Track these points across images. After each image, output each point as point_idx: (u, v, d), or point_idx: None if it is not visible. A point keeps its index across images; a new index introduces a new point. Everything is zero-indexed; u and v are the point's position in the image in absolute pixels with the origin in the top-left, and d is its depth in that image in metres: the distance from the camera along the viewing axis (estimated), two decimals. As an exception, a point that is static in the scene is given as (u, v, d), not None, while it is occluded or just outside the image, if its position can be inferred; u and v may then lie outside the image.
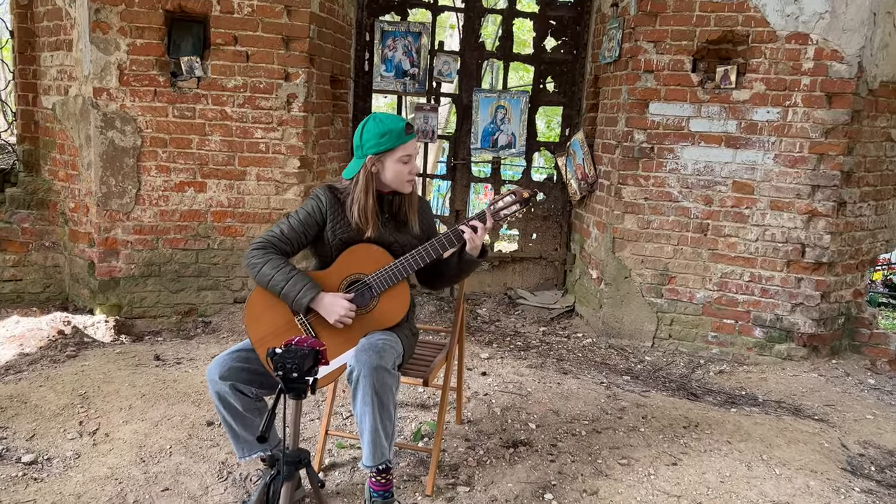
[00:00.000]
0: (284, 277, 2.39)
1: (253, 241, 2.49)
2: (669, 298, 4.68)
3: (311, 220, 2.52)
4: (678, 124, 4.52)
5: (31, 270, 4.74)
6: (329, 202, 2.53)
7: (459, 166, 5.57)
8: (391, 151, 2.48)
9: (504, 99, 5.42)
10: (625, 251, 4.70)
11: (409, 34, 5.33)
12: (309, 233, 2.52)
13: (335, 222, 2.52)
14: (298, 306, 2.39)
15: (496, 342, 4.52)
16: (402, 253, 2.55)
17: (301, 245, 2.52)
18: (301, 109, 4.61)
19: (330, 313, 2.41)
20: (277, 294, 2.40)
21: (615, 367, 4.30)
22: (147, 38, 4.35)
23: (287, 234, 2.49)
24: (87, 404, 3.16)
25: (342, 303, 2.41)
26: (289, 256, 2.51)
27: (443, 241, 2.55)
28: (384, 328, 2.51)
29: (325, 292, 2.43)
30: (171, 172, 4.51)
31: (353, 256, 2.51)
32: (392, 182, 2.53)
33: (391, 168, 2.50)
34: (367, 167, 2.49)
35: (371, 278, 2.49)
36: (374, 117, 2.52)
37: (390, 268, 2.49)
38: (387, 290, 2.50)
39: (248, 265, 2.44)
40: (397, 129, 2.48)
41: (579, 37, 5.42)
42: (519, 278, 5.69)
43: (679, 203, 4.58)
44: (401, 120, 2.52)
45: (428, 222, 2.70)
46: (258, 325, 2.44)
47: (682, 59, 4.47)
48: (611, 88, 4.91)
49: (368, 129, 2.49)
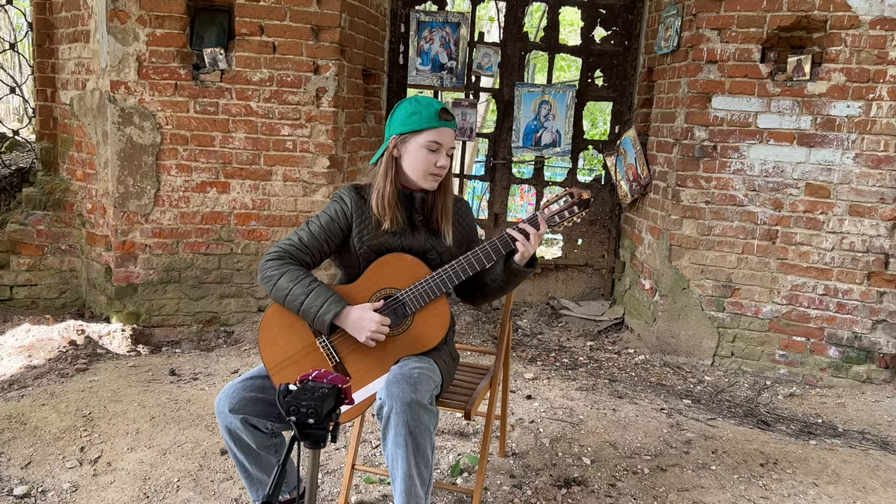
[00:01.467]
0: (304, 291, 2.04)
1: (267, 251, 2.14)
2: (732, 312, 4.24)
3: (334, 225, 2.17)
4: (744, 120, 4.09)
5: (47, 275, 4.49)
6: (354, 203, 2.18)
7: (499, 166, 5.19)
8: (417, 133, 2.14)
9: (549, 94, 5.03)
10: (682, 260, 4.28)
11: (447, 25, 4.97)
12: (332, 240, 2.17)
13: (362, 226, 2.17)
14: (321, 324, 2.04)
15: (540, 359, 4.13)
16: (440, 263, 2.19)
17: (323, 254, 2.18)
18: (331, 104, 4.28)
19: (359, 329, 2.05)
20: (296, 311, 2.05)
21: (673, 389, 3.88)
22: (168, 28, 4.06)
23: (307, 243, 2.15)
24: (91, 427, 2.86)
25: (373, 316, 2.06)
26: (309, 268, 2.16)
27: (488, 251, 2.17)
28: (420, 353, 2.15)
29: (351, 306, 2.08)
30: (193, 172, 4.21)
31: (383, 268, 2.15)
32: (413, 170, 2.17)
33: (413, 153, 2.15)
34: (390, 148, 2.17)
35: (405, 294, 2.13)
36: (412, 98, 2.19)
37: (427, 281, 2.13)
38: (423, 308, 2.14)
39: (263, 279, 2.10)
40: (430, 110, 2.14)
41: (631, 26, 5.01)
42: (563, 287, 5.29)
43: (744, 207, 4.15)
44: (437, 103, 2.18)
45: (466, 228, 2.33)
46: (273, 348, 2.09)
47: (749, 47, 4.03)
48: (667, 81, 4.49)
49: (401, 108, 2.18)
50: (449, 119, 2.17)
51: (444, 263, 2.17)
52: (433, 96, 5.33)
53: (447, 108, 2.18)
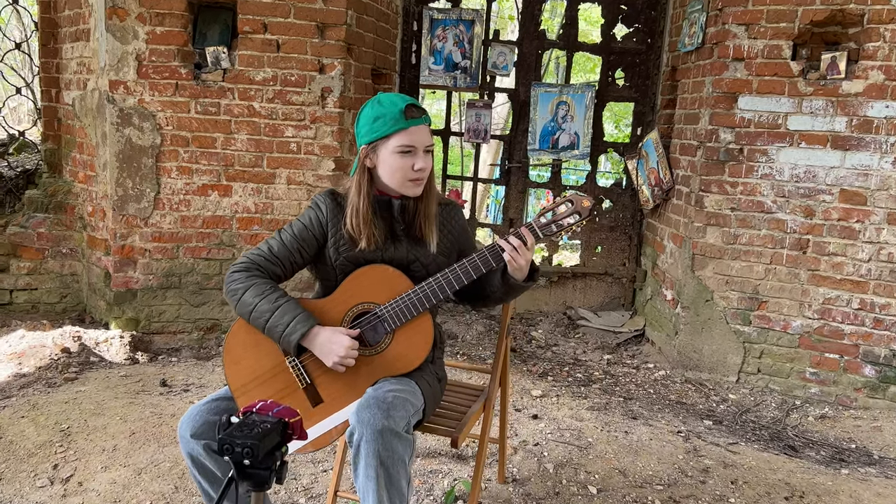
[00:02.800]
0: (270, 307, 1.86)
1: (234, 261, 1.97)
2: (759, 326, 3.97)
3: (307, 234, 1.99)
4: (773, 121, 3.82)
5: (47, 279, 4.39)
6: (330, 210, 2.00)
7: (514, 170, 4.98)
8: (386, 140, 1.94)
9: (567, 94, 4.80)
10: (706, 270, 4.02)
11: (461, 22, 4.78)
12: (306, 250, 1.99)
13: (338, 236, 1.99)
14: (286, 345, 1.86)
15: (552, 374, 3.91)
16: (425, 276, 1.99)
17: (296, 266, 2.00)
18: (336, 105, 4.11)
19: (326, 353, 1.87)
20: (262, 329, 1.88)
21: (694, 408, 3.63)
22: (168, 26, 3.93)
23: (277, 253, 1.97)
24: (68, 443, 2.72)
25: (342, 340, 1.87)
26: (280, 281, 1.99)
27: (476, 263, 1.97)
28: (399, 374, 1.95)
29: (321, 326, 1.89)
30: (194, 174, 4.08)
31: (361, 281, 1.96)
32: (391, 179, 1.98)
33: (387, 162, 1.95)
34: (362, 160, 1.97)
35: (384, 309, 1.94)
36: (374, 99, 1.98)
37: (409, 296, 1.94)
38: (404, 325, 1.94)
39: (227, 292, 1.92)
40: (394, 111, 1.92)
41: (654, 23, 4.76)
42: (580, 296, 5.05)
43: (773, 214, 3.88)
44: (403, 99, 1.96)
45: (456, 235, 2.13)
46: (239, 368, 1.92)
47: (779, 44, 3.77)
48: (691, 81, 4.24)
49: (364, 114, 1.98)
50: (417, 115, 1.95)
51: (430, 276, 1.98)
52: (447, 96, 5.14)
53: (415, 103, 1.97)
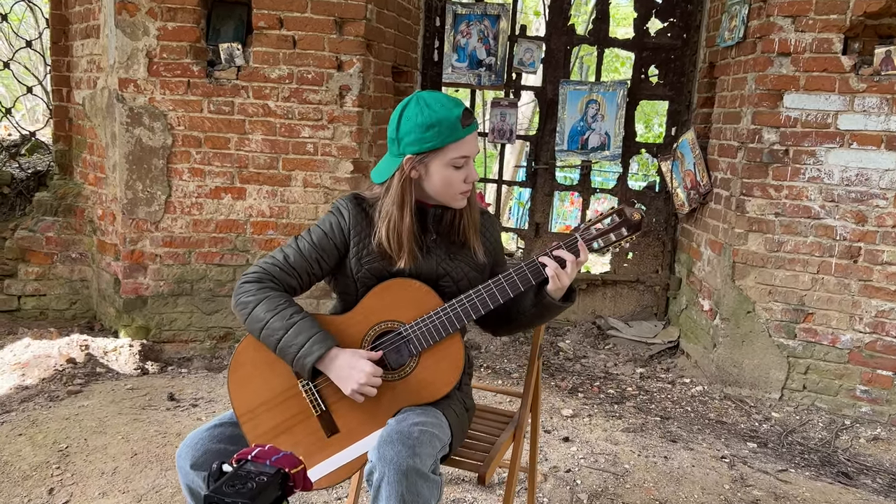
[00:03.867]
0: (283, 324, 1.66)
1: (246, 270, 1.77)
2: (805, 340, 3.70)
3: (327, 242, 1.78)
4: (822, 121, 3.56)
5: (56, 285, 4.24)
6: (354, 217, 1.79)
7: (541, 171, 4.75)
8: (439, 151, 1.72)
9: (597, 92, 4.57)
10: (748, 279, 3.77)
11: (486, 17, 4.57)
12: (325, 260, 1.78)
13: (362, 246, 1.78)
14: (301, 367, 1.66)
15: (582, 389, 3.67)
16: (456, 292, 1.78)
17: (314, 277, 1.79)
18: (355, 104, 3.91)
19: (345, 380, 1.66)
20: (273, 348, 1.67)
21: (735, 428, 3.38)
22: (180, 21, 3.75)
23: (293, 262, 1.76)
24: (66, 464, 2.53)
25: (363, 365, 1.66)
26: (295, 294, 1.78)
27: (514, 280, 1.76)
28: (425, 403, 1.74)
29: (339, 348, 1.68)
30: (206, 176, 3.90)
31: (384, 296, 1.75)
32: (439, 194, 1.78)
33: (438, 174, 1.74)
34: (405, 171, 1.74)
35: (409, 329, 1.73)
36: (419, 99, 1.74)
37: (437, 315, 1.72)
38: (431, 348, 1.73)
39: (237, 305, 1.72)
40: (450, 118, 1.71)
41: (690, 17, 4.51)
42: (611, 305, 4.81)
43: (821, 220, 3.62)
44: (456, 105, 1.74)
45: (491, 248, 1.92)
46: (246, 390, 1.72)
47: (829, 37, 3.51)
48: (731, 77, 3.98)
49: (409, 117, 1.73)
50: (472, 122, 1.76)
51: (461, 292, 1.76)
52: (471, 94, 4.93)
53: (468, 108, 1.77)
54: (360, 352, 1.68)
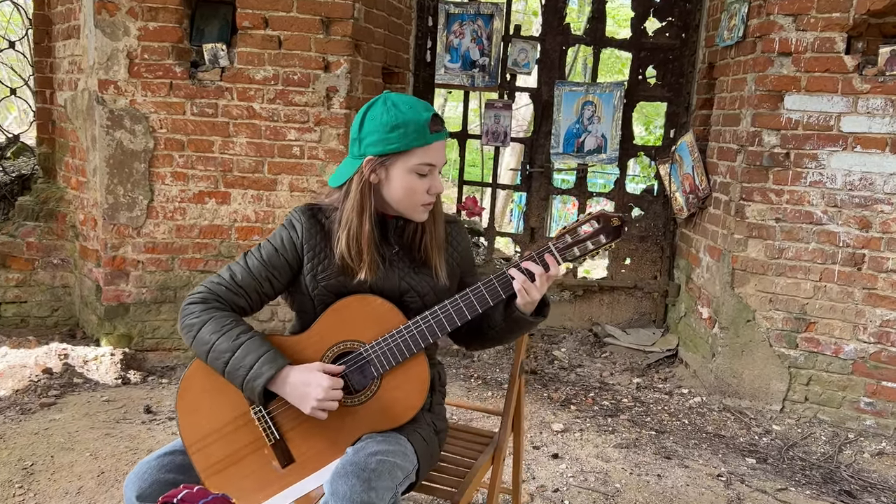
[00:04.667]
0: (230, 345, 1.54)
1: (191, 291, 1.66)
2: (807, 350, 3.57)
3: (278, 258, 1.66)
4: (825, 123, 3.43)
5: (37, 291, 4.14)
6: (307, 231, 1.67)
7: (536, 175, 4.62)
8: (403, 155, 1.60)
9: (593, 93, 4.44)
10: (747, 286, 3.64)
11: (480, 17, 4.45)
12: (276, 278, 1.67)
13: (317, 261, 1.66)
14: (251, 391, 1.54)
15: (575, 401, 3.55)
16: (421, 308, 1.66)
17: (264, 296, 1.68)
18: (343, 106, 3.80)
19: (301, 398, 1.54)
20: (221, 372, 1.56)
21: (734, 442, 3.26)
22: (162, 21, 3.65)
23: (241, 281, 1.64)
24: (29, 484, 2.43)
25: (319, 379, 1.54)
26: (245, 314, 1.67)
27: (483, 294, 1.64)
28: (388, 429, 1.62)
29: (292, 366, 1.56)
30: (189, 180, 3.79)
31: (343, 314, 1.64)
32: (399, 203, 1.65)
33: (400, 180, 1.62)
34: (364, 174, 1.62)
35: (371, 349, 1.61)
36: (386, 99, 1.63)
37: (401, 333, 1.61)
38: (394, 369, 1.62)
39: (182, 328, 1.61)
40: (419, 121, 1.59)
41: (689, 16, 4.38)
42: (608, 312, 4.68)
43: (823, 226, 3.48)
44: (426, 108, 1.63)
45: (459, 259, 1.80)
46: (195, 418, 1.60)
47: (832, 36, 3.38)
48: (731, 78, 3.85)
49: (374, 116, 1.61)
50: (441, 129, 1.64)
51: (427, 308, 1.65)
52: (464, 96, 4.81)
53: (437, 114, 1.65)
54: (314, 365, 1.56)
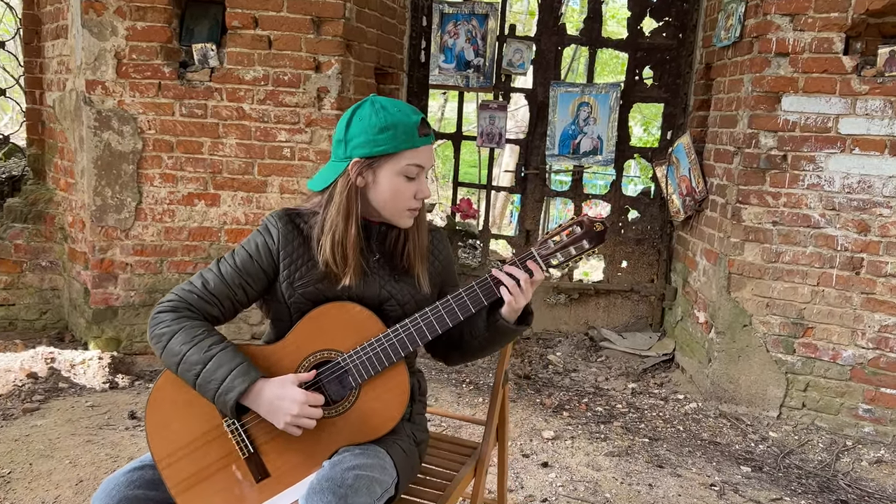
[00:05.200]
0: (201, 357, 1.49)
1: (161, 299, 1.60)
2: (804, 356, 3.52)
3: (252, 265, 1.61)
4: (822, 124, 3.38)
5: (26, 294, 4.09)
6: (284, 237, 1.61)
7: (531, 177, 4.57)
8: (392, 157, 1.56)
9: (589, 94, 4.39)
10: (744, 291, 3.58)
11: (474, 17, 4.40)
12: (251, 286, 1.61)
13: (294, 268, 1.60)
14: (223, 405, 1.48)
15: (568, 407, 3.49)
16: (402, 316, 1.61)
17: (238, 304, 1.62)
18: (334, 106, 3.75)
19: (276, 412, 1.49)
20: (192, 384, 1.50)
21: (729, 450, 3.20)
22: (150, 21, 3.60)
23: (213, 289, 1.59)
24: (5, 492, 2.38)
25: (294, 394, 1.48)
26: (218, 323, 1.61)
27: (465, 301, 1.58)
28: (366, 441, 1.57)
29: (266, 379, 1.51)
30: (178, 182, 3.74)
31: (321, 322, 1.58)
32: (385, 207, 1.61)
33: (387, 183, 1.57)
34: (350, 176, 1.57)
35: (348, 358, 1.56)
36: (374, 101, 1.58)
37: (380, 342, 1.55)
38: (373, 378, 1.56)
39: (151, 337, 1.56)
40: (408, 123, 1.55)
41: (686, 16, 4.33)
42: (604, 315, 4.63)
43: (821, 230, 3.43)
44: (414, 111, 1.59)
45: (440, 267, 1.75)
46: (166, 432, 1.55)
47: (829, 36, 3.32)
48: (728, 79, 3.80)
49: (362, 117, 1.56)
50: (429, 132, 1.61)
51: (406, 317, 1.59)
52: (459, 97, 4.76)
53: (425, 118, 1.61)
54: (289, 378, 1.50)
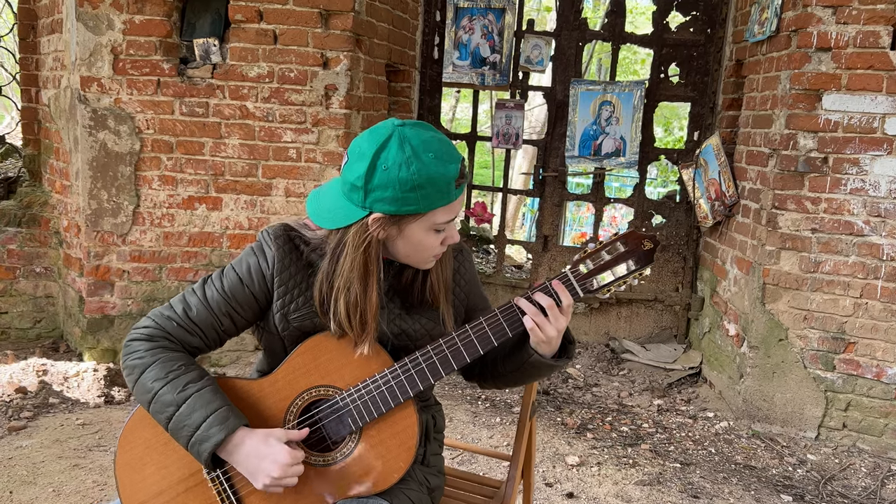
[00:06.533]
0: (174, 398, 1.27)
1: (136, 324, 1.39)
2: (845, 373, 3.27)
3: (242, 291, 1.38)
4: (867, 125, 3.13)
5: (19, 301, 3.90)
6: (280, 261, 1.37)
7: (550, 179, 4.34)
8: (421, 216, 1.29)
9: (611, 93, 4.15)
10: (780, 302, 3.34)
11: (490, 11, 4.17)
12: (239, 314, 1.39)
13: (290, 297, 1.37)
14: (197, 456, 1.27)
15: (591, 426, 3.26)
16: (411, 348, 1.38)
17: (223, 334, 1.41)
18: (342, 105, 3.54)
19: (254, 472, 1.26)
20: (164, 426, 1.29)
21: (765, 475, 2.96)
22: (149, 15, 3.41)
23: (195, 317, 1.37)
24: (-19, 525, 2.18)
25: (277, 454, 1.26)
26: (200, 353, 1.40)
27: (485, 332, 1.36)
28: (367, 494, 1.35)
29: (248, 429, 1.29)
30: (178, 185, 3.55)
31: (317, 354, 1.36)
32: (407, 257, 1.36)
33: (413, 238, 1.31)
34: (371, 231, 1.29)
35: (348, 397, 1.34)
36: (403, 140, 1.25)
37: (385, 378, 1.33)
38: (376, 422, 1.34)
39: (124, 368, 1.35)
40: (445, 178, 1.26)
41: (715, 10, 4.08)
42: (625, 325, 4.39)
43: (865, 238, 3.18)
44: (451, 158, 1.28)
45: (466, 291, 1.51)
46: (138, 478, 1.34)
47: (876, 30, 3.08)
48: (761, 77, 3.56)
49: (389, 167, 1.24)
50: (465, 179, 1.32)
51: (416, 348, 1.37)
52: (473, 95, 4.53)
53: (463, 162, 1.31)
54: (275, 433, 1.28)
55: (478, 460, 2.82)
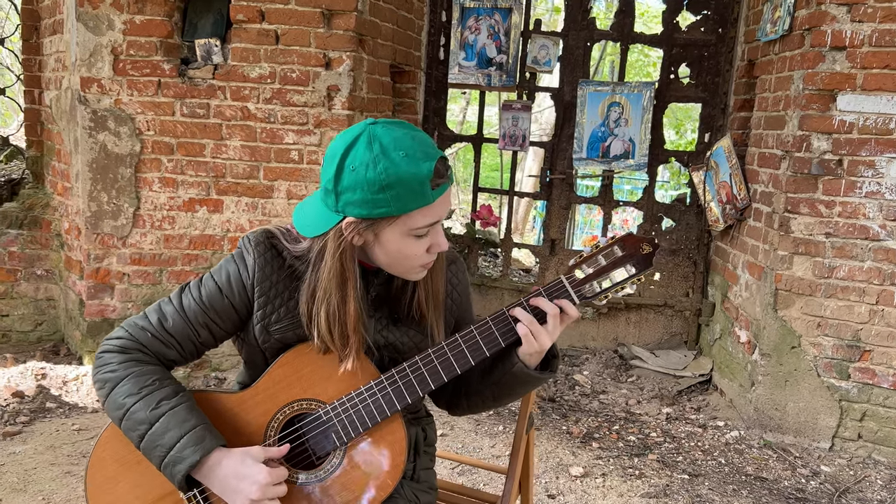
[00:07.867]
0: (147, 416, 1.21)
1: (110, 334, 1.33)
2: (861, 382, 3.17)
3: (221, 301, 1.31)
4: (884, 126, 3.04)
5: (20, 304, 3.87)
6: (261, 269, 1.30)
7: (557, 182, 4.26)
8: (396, 218, 1.21)
9: (620, 94, 4.07)
10: (792, 309, 3.25)
11: (497, 11, 4.10)
12: (218, 325, 1.32)
13: (271, 307, 1.30)
14: (171, 478, 1.21)
15: (597, 435, 3.18)
16: (398, 360, 1.32)
17: (200, 346, 1.33)
18: (345, 106, 3.48)
19: (232, 493, 1.20)
20: (136, 445, 1.23)
21: (778, 487, 2.87)
22: (149, 15, 3.37)
23: (171, 328, 1.30)
24: (-32, 534, 2.14)
25: (256, 474, 1.19)
26: (175, 366, 1.34)
27: (477, 341, 1.29)
28: (356, 512, 1.28)
29: (225, 450, 1.22)
30: (179, 187, 3.50)
31: (299, 365, 1.30)
32: (390, 266, 1.28)
33: (391, 245, 1.24)
34: (345, 236, 1.22)
35: (332, 411, 1.27)
36: (372, 137, 1.18)
37: (371, 391, 1.27)
38: (362, 437, 1.28)
39: (95, 382, 1.29)
40: (417, 177, 1.17)
41: (726, 9, 3.99)
42: (634, 331, 4.30)
43: (881, 242, 3.09)
44: (426, 155, 1.19)
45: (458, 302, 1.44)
46: (111, 497, 1.28)
47: (892, 28, 2.99)
48: (774, 77, 3.47)
49: (355, 166, 1.17)
50: (444, 176, 1.21)
51: (405, 360, 1.30)
52: (480, 96, 4.46)
53: (443, 158, 1.22)
54: (252, 452, 1.22)
55: (479, 470, 2.75)
